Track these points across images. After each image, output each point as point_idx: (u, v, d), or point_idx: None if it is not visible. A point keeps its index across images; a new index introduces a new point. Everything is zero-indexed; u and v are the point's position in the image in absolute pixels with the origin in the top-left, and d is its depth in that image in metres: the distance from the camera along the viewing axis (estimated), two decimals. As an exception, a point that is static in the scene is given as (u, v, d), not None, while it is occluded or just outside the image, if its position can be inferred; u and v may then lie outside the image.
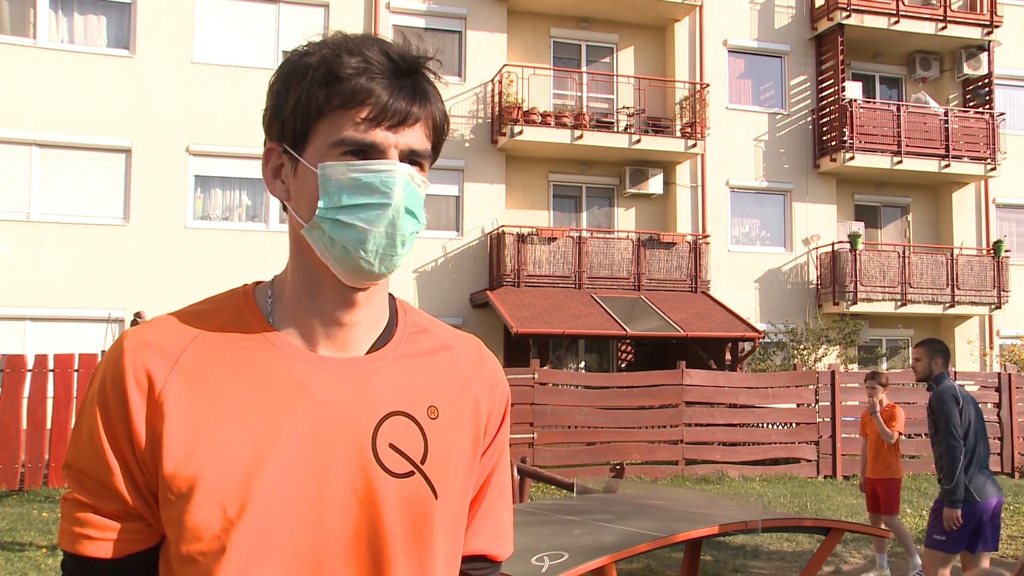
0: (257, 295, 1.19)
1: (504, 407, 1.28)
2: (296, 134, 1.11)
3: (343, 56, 1.08)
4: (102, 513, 1.08)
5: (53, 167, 15.64)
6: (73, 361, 11.20)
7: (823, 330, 17.58)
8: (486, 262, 17.23)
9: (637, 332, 15.58)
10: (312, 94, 1.08)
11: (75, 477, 1.09)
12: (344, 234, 1.08)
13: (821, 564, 4.97)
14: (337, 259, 1.10)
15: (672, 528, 4.45)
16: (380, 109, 1.07)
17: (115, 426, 1.07)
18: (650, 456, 13.09)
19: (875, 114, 19.11)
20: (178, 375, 1.08)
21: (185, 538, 1.05)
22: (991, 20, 19.63)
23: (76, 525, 1.09)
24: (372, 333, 1.18)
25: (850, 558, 8.15)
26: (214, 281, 15.88)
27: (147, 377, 1.07)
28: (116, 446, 1.07)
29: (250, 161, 16.51)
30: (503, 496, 1.28)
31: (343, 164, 1.08)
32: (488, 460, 1.25)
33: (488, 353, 1.30)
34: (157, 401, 1.06)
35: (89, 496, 1.08)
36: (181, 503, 1.05)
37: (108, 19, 16.25)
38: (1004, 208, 20.81)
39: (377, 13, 17.21)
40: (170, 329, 1.12)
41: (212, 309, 1.16)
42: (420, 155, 1.12)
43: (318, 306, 1.15)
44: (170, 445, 1.05)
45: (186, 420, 1.06)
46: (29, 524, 8.91)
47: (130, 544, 1.09)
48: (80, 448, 1.09)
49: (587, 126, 17.32)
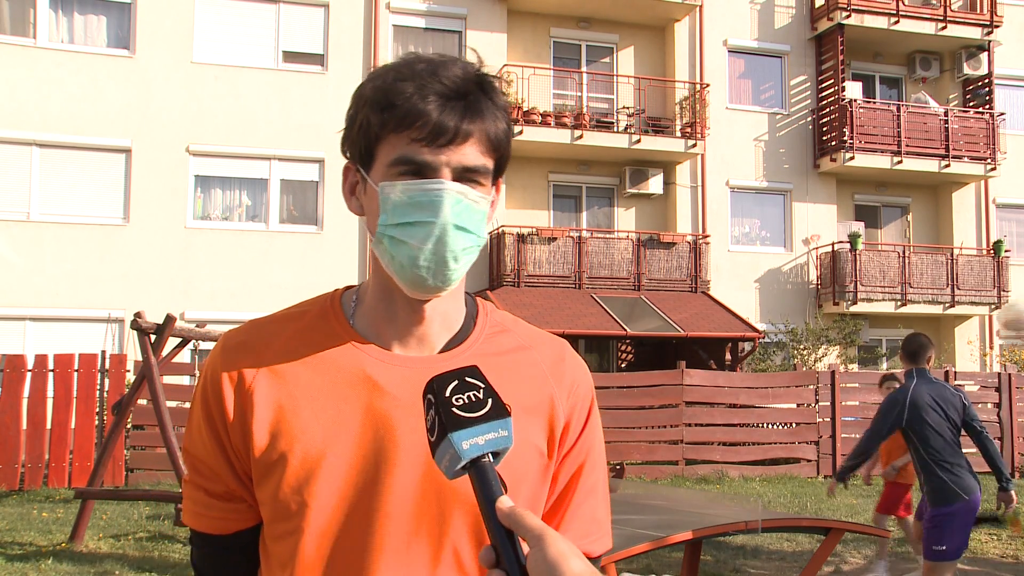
0: (344, 299, 1.29)
1: (588, 407, 1.31)
2: (363, 154, 1.19)
3: (398, 83, 1.15)
4: (212, 494, 1.23)
5: (53, 167, 15.64)
6: (73, 361, 11.20)
7: (823, 330, 17.58)
8: (486, 262, 17.23)
9: (637, 332, 15.58)
10: (371, 119, 1.16)
11: (190, 461, 1.24)
12: (399, 250, 1.16)
13: (821, 564, 4.97)
14: (397, 273, 1.18)
15: (672, 528, 4.45)
16: (430, 129, 1.13)
17: (214, 417, 1.21)
18: (650, 456, 13.09)
19: (875, 114, 19.11)
20: (265, 372, 1.20)
21: (273, 517, 1.19)
22: (991, 20, 19.63)
23: (193, 504, 1.25)
24: (446, 333, 1.25)
25: (850, 558, 8.15)
26: (214, 281, 15.88)
27: (239, 374, 1.21)
28: (216, 435, 1.21)
29: (250, 161, 16.51)
30: (594, 493, 1.30)
31: (399, 183, 1.15)
32: (574, 459, 1.28)
33: (572, 355, 1.35)
34: (247, 394, 1.19)
35: (200, 478, 1.23)
36: (269, 486, 1.18)
37: (108, 19, 16.25)
38: (1004, 208, 20.80)
39: (377, 13, 17.21)
40: (261, 331, 1.25)
41: (300, 312, 1.27)
42: (475, 171, 1.17)
43: (392, 314, 1.24)
44: (258, 433, 1.18)
45: (271, 411, 1.18)
46: (29, 524, 8.91)
47: (237, 522, 1.24)
48: (192, 436, 1.24)
49: (587, 126, 17.33)
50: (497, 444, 0.97)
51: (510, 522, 0.93)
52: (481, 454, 0.96)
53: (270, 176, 16.65)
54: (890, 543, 7.62)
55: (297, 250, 16.36)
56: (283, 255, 16.22)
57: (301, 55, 16.82)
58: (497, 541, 0.93)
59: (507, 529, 0.93)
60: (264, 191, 16.67)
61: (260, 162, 16.51)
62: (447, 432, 0.96)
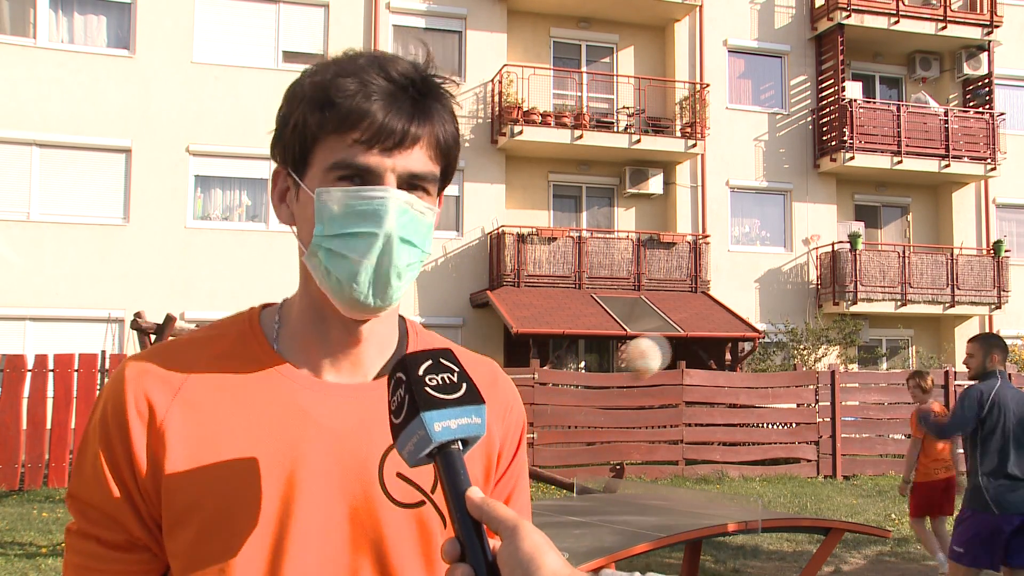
0: (263, 319, 1.16)
1: (520, 432, 1.23)
2: (296, 158, 1.09)
3: (339, 79, 1.04)
4: (107, 544, 1.05)
5: (53, 167, 15.64)
6: (73, 361, 11.20)
7: (823, 330, 17.58)
8: (486, 262, 17.23)
9: (637, 332, 15.57)
10: (307, 118, 1.05)
11: (79, 508, 1.07)
12: (336, 265, 1.05)
13: (821, 564, 4.97)
14: (333, 290, 1.06)
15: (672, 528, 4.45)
16: (375, 131, 1.03)
17: (117, 456, 1.05)
18: (650, 456, 13.09)
19: (875, 114, 19.11)
20: (179, 404, 1.06)
21: (189, 569, 1.04)
22: (991, 20, 19.62)
23: (80, 556, 1.07)
24: (380, 358, 1.15)
25: (850, 558, 8.15)
26: (214, 281, 15.88)
27: (148, 406, 1.05)
28: (119, 476, 1.05)
29: (250, 161, 16.51)
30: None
31: (338, 190, 1.04)
32: (504, 486, 1.20)
33: (503, 377, 1.25)
34: (159, 431, 1.05)
35: (94, 527, 1.06)
36: (183, 536, 1.03)
37: (108, 19, 16.25)
38: (1004, 208, 20.80)
39: (377, 13, 17.21)
40: (172, 357, 1.10)
41: (216, 335, 1.14)
42: (422, 179, 1.06)
43: (322, 334, 1.12)
44: (172, 475, 1.03)
45: (188, 450, 1.04)
46: (29, 524, 8.91)
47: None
48: (84, 478, 1.07)
49: (587, 126, 17.32)
50: (469, 431, 0.91)
51: (481, 513, 0.87)
52: (452, 439, 0.90)
53: (270, 176, 16.62)
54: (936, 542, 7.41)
55: (297, 250, 16.35)
56: (283, 255, 16.22)
57: (301, 55, 16.81)
58: (463, 534, 0.88)
59: (475, 522, 0.88)
60: (264, 191, 16.67)
61: (260, 162, 16.51)
62: (419, 411, 0.88)
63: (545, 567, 0.83)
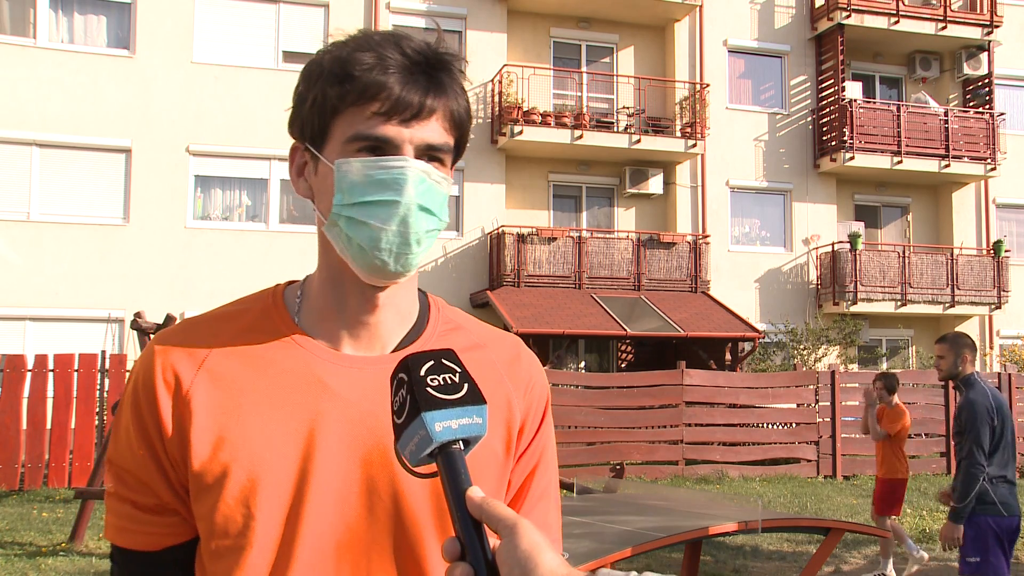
0: (287, 295, 1.21)
1: (543, 407, 1.25)
2: (315, 132, 1.11)
3: (356, 53, 1.08)
4: (140, 507, 1.12)
5: (53, 167, 15.64)
6: (73, 361, 11.20)
7: (823, 330, 17.58)
8: (486, 262, 17.23)
9: (637, 332, 15.58)
10: (327, 92, 1.08)
11: (115, 472, 1.14)
12: (358, 232, 1.08)
13: (821, 564, 4.96)
14: (354, 257, 1.10)
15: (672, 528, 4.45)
16: (392, 103, 1.06)
17: (146, 424, 1.10)
18: (650, 456, 13.09)
19: (875, 114, 19.11)
20: (204, 375, 1.11)
21: (214, 533, 1.09)
22: (991, 20, 19.63)
23: (117, 518, 1.14)
24: (399, 330, 1.18)
25: (850, 558, 8.15)
26: (214, 281, 15.87)
27: (175, 377, 1.11)
28: (148, 443, 1.10)
29: (250, 161, 16.51)
30: (545, 497, 1.24)
31: (358, 160, 1.08)
32: (527, 461, 1.22)
33: (527, 352, 1.27)
34: (185, 400, 1.10)
35: (128, 490, 1.12)
36: (209, 499, 1.08)
37: (108, 19, 16.25)
38: (1004, 208, 20.81)
39: (377, 13, 17.21)
40: (198, 331, 1.15)
41: (241, 310, 1.19)
42: (439, 150, 1.11)
43: (342, 305, 1.16)
44: (197, 443, 1.08)
45: (212, 419, 1.09)
46: (29, 524, 8.91)
47: (167, 537, 1.13)
48: (118, 445, 1.14)
49: (587, 126, 17.32)
50: (470, 431, 0.92)
51: (481, 513, 0.88)
52: (453, 439, 0.91)
53: (270, 176, 16.65)
54: (892, 543, 7.63)
55: (297, 250, 16.35)
56: (283, 255, 16.21)
57: (301, 55, 16.81)
58: (463, 533, 0.88)
59: (475, 521, 0.88)
60: (264, 191, 16.67)
61: (260, 162, 16.51)
62: (420, 411, 0.90)
63: (543, 565, 0.84)
